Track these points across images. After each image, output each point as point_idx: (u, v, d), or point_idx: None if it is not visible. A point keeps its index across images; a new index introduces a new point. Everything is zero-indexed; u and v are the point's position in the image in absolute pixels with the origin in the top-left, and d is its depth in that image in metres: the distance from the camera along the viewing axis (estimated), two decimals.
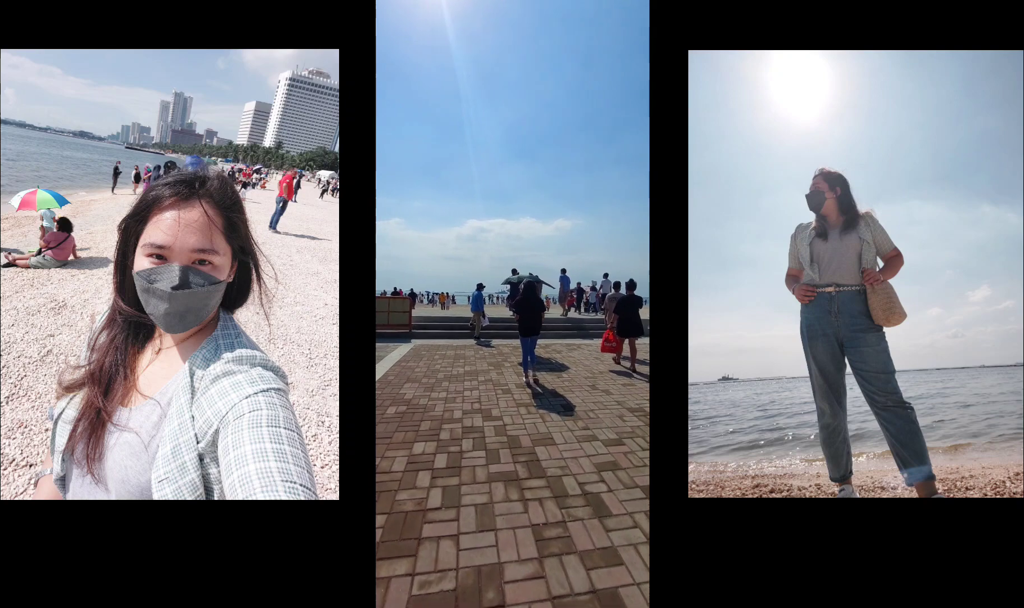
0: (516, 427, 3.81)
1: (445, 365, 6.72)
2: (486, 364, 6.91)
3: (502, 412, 4.25)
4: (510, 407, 4.45)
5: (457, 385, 5.37)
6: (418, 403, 4.51)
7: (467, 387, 5.28)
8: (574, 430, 3.77)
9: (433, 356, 7.56)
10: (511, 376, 6.04)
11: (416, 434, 3.56)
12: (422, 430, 3.66)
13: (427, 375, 5.95)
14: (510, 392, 5.10)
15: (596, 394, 5.12)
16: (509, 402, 4.63)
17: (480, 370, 6.40)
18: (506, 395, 4.95)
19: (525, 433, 3.67)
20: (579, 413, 4.31)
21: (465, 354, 7.87)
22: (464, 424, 3.82)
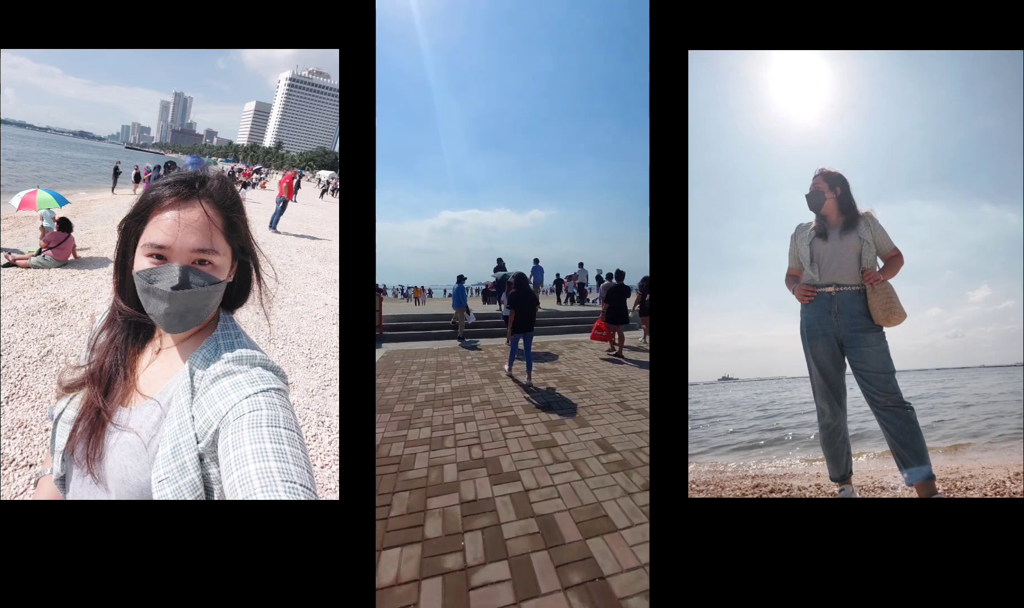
0: (545, 492, 2.45)
1: (425, 380, 5.31)
2: (478, 376, 5.59)
3: (516, 461, 2.92)
4: (525, 450, 3.10)
5: (444, 413, 3.98)
6: (390, 454, 3.03)
7: (458, 416, 3.91)
8: (629, 487, 2.51)
9: (410, 367, 6.09)
10: (513, 393, 4.74)
11: (386, 527, 2.08)
12: (395, 516, 2.18)
13: (402, 399, 4.46)
14: (519, 421, 3.76)
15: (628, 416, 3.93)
16: (521, 439, 3.33)
17: (472, 385, 5.07)
18: (515, 428, 3.59)
19: (560, 504, 2.31)
20: (610, 440, 3.29)
21: (450, 361, 6.54)
22: (463, 495, 2.42)
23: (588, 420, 3.81)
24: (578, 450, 3.12)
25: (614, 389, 4.91)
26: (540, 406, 4.25)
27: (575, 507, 2.30)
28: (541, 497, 2.42)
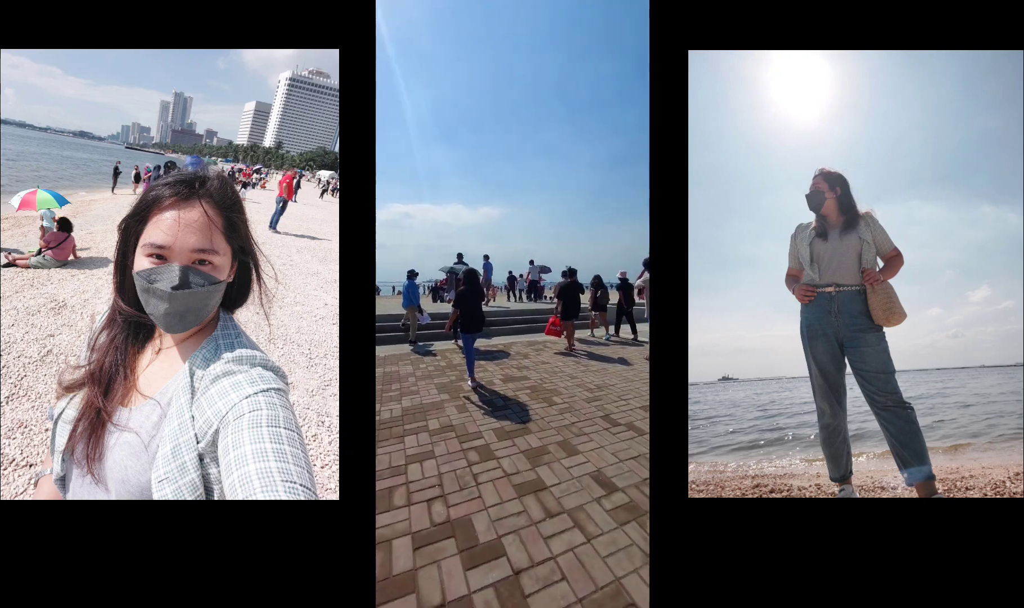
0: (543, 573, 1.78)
1: None
2: (435, 390, 4.70)
3: (495, 520, 2.17)
4: (506, 499, 2.34)
5: (392, 450, 3.02)
6: None
7: (412, 452, 2.99)
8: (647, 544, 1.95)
9: None
10: (480, 412, 3.92)
11: None
12: None
13: None
14: (492, 453, 2.96)
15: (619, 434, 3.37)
16: (499, 482, 2.55)
17: (429, 404, 4.15)
18: (488, 465, 2.77)
19: (567, 591, 1.68)
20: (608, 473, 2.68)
21: (399, 372, 5.56)
22: (424, 599, 1.64)
23: (575, 444, 3.18)
24: (573, 493, 2.46)
25: (594, 399, 4.41)
26: (516, 427, 3.52)
27: (589, 595, 1.65)
28: (538, 582, 1.72)
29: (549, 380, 5.25)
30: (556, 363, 6.26)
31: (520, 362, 6.33)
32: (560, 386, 4.99)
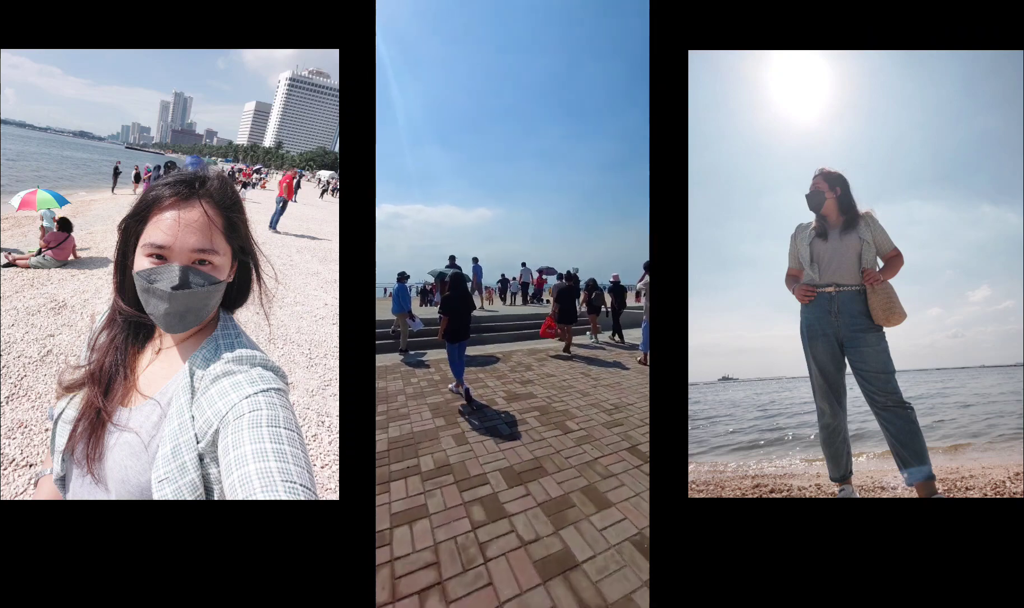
0: None
1: None
2: (429, 413, 3.98)
3: None
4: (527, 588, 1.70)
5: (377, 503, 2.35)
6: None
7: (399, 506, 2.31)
8: None
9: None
10: (483, 444, 3.24)
11: None
12: None
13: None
14: (502, 507, 2.30)
15: None
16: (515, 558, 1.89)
17: (421, 432, 3.48)
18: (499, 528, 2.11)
19: None
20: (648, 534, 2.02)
21: (387, 389, 4.84)
22: None
23: (604, 491, 2.49)
24: (612, 571, 1.78)
25: (614, 424, 3.71)
26: (527, 465, 2.86)
27: None
28: None
29: (559, 398, 4.57)
30: (563, 376, 5.62)
31: (523, 375, 5.64)
32: (572, 406, 4.28)
